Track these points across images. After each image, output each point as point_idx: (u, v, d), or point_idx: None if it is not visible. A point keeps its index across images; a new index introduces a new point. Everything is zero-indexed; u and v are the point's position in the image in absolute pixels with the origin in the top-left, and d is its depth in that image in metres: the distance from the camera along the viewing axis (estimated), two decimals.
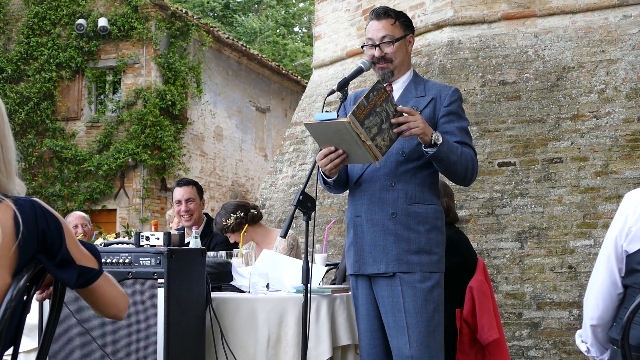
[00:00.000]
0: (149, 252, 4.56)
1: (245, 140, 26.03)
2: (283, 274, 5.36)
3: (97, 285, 2.70)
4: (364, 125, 3.88)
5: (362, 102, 3.87)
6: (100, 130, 21.29)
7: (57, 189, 20.96)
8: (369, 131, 3.90)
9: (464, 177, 4.24)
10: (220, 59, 24.34)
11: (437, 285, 4.24)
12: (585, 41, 10.24)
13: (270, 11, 42.14)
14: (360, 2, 12.54)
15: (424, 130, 4.01)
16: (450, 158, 4.10)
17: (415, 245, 4.20)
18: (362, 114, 3.87)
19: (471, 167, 4.22)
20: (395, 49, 4.37)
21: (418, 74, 4.52)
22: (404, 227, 4.21)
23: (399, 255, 4.20)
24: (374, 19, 4.43)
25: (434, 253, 4.23)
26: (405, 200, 4.23)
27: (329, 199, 11.06)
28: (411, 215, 4.22)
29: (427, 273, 4.20)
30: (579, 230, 9.08)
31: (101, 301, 2.74)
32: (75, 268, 2.62)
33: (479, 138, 9.90)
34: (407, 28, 4.45)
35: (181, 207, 7.05)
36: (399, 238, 4.21)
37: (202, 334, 4.72)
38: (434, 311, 4.20)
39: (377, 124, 3.94)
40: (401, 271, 4.20)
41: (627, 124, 9.48)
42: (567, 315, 8.68)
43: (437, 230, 4.28)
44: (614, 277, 3.24)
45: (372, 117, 3.91)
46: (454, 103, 4.33)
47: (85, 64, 21.43)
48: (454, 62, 10.69)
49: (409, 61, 4.48)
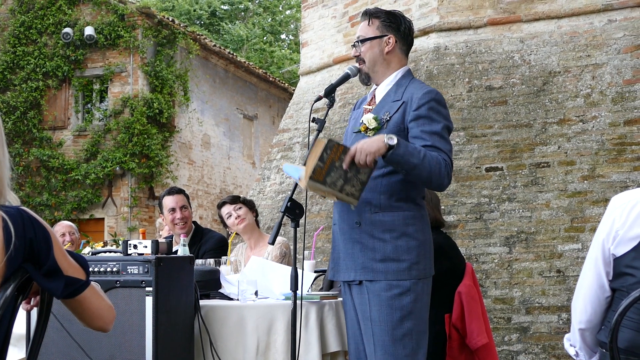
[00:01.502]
0: (136, 260, 4.55)
1: (233, 147, 26.01)
2: (272, 281, 5.35)
3: (83, 297, 2.69)
4: (326, 184, 3.91)
5: (318, 164, 3.88)
6: (87, 139, 21.25)
7: (44, 199, 20.90)
8: (334, 185, 3.93)
9: (428, 181, 4.07)
10: (207, 67, 24.33)
11: (409, 292, 4.15)
12: (570, 46, 10.28)
13: (256, 19, 42.17)
14: (346, 9, 12.56)
15: (374, 150, 3.94)
16: (409, 161, 3.97)
17: (381, 254, 4.15)
18: (321, 174, 3.89)
19: (437, 170, 4.04)
20: (365, 49, 4.35)
21: (408, 75, 4.42)
22: (368, 235, 4.18)
23: (365, 264, 4.18)
24: (360, 21, 4.47)
25: (403, 260, 4.15)
26: (370, 209, 4.19)
27: (317, 205, 11.06)
28: (376, 223, 4.18)
29: (393, 281, 4.14)
30: (567, 234, 9.10)
31: (87, 313, 2.73)
32: (62, 278, 2.60)
33: (466, 143, 9.92)
34: (387, 29, 4.37)
35: (176, 215, 7.05)
36: (365, 247, 4.19)
37: (191, 342, 4.71)
38: (402, 319, 4.13)
39: (342, 176, 3.95)
40: (367, 279, 4.17)
41: (613, 128, 9.52)
42: (556, 320, 8.69)
43: (408, 237, 4.17)
44: (602, 280, 3.25)
45: (333, 174, 3.93)
46: (423, 106, 4.17)
47: (72, 73, 21.40)
48: (440, 67, 10.71)
49: (390, 63, 4.39)
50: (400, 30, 4.41)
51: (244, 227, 6.72)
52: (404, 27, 4.43)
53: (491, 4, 10.76)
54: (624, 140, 9.41)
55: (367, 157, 3.92)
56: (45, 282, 2.59)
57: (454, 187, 9.78)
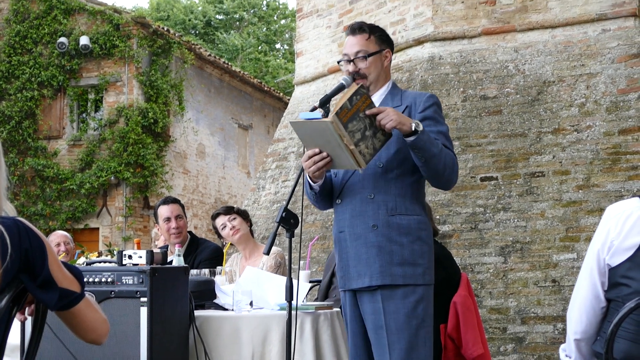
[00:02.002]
0: (131, 270, 4.55)
1: (228, 157, 26.01)
2: (267, 291, 5.35)
3: (77, 309, 2.68)
4: (347, 129, 3.85)
5: (346, 104, 3.84)
6: (82, 149, 21.23)
7: (39, 208, 20.88)
8: (352, 135, 3.88)
9: (442, 173, 4.12)
10: (202, 77, 24.34)
11: (422, 299, 4.16)
12: (565, 55, 10.30)
13: (251, 28, 42.23)
14: (341, 19, 12.58)
15: (399, 120, 3.97)
16: (431, 149, 4.02)
17: (399, 257, 4.13)
18: (346, 116, 3.84)
19: (450, 165, 4.13)
20: (369, 64, 4.34)
21: (396, 86, 4.47)
22: (386, 238, 4.15)
23: (382, 268, 4.13)
24: (350, 34, 4.42)
25: (419, 265, 4.15)
26: (386, 212, 4.17)
27: (312, 215, 11.06)
28: (392, 226, 4.16)
29: (410, 287, 4.12)
30: (562, 244, 9.10)
31: (81, 325, 2.72)
32: (56, 290, 2.60)
33: (460, 153, 9.93)
34: (383, 42, 4.41)
35: (171, 225, 7.05)
36: (382, 250, 4.15)
37: (186, 352, 4.71)
38: (418, 327, 4.12)
39: (361, 130, 3.91)
40: (385, 284, 4.13)
41: (607, 137, 9.53)
42: (552, 330, 8.69)
43: (422, 242, 4.19)
44: (597, 291, 3.24)
45: (355, 122, 3.89)
46: (429, 108, 4.26)
47: (67, 83, 21.39)
48: (435, 77, 10.73)
49: (386, 75, 4.43)
50: (392, 44, 4.51)
51: (238, 238, 6.71)
52: (391, 40, 4.52)
53: (485, 14, 10.78)
54: (619, 150, 9.42)
55: (390, 121, 3.96)
56: (40, 294, 2.58)
57: (449, 196, 9.78)
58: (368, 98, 3.98)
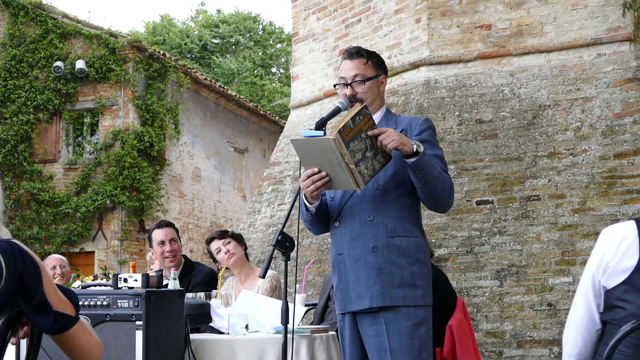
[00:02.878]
0: (127, 294, 4.53)
1: (223, 181, 26.00)
2: (262, 315, 5.34)
3: (72, 333, 2.67)
4: (348, 147, 3.87)
5: (348, 123, 3.86)
6: (78, 172, 21.21)
7: (34, 232, 20.84)
8: (353, 155, 3.89)
9: (440, 195, 4.15)
10: (198, 100, 24.37)
11: (424, 321, 4.18)
12: (560, 79, 10.33)
13: (247, 52, 42.31)
14: (337, 43, 12.62)
15: (401, 140, 4.00)
16: (431, 171, 4.05)
17: (399, 279, 4.13)
18: (348, 135, 3.86)
19: (448, 188, 4.18)
20: (366, 89, 4.36)
21: (390, 111, 4.52)
22: (386, 260, 4.15)
23: (383, 289, 4.13)
24: (347, 58, 4.44)
25: (418, 286, 4.16)
26: (386, 234, 4.18)
27: (308, 239, 11.05)
28: (392, 248, 4.17)
29: (412, 308, 4.13)
30: (558, 268, 9.10)
31: (75, 349, 2.71)
32: (51, 313, 2.59)
33: (456, 177, 9.94)
34: (380, 68, 4.45)
35: (165, 248, 7.03)
36: (382, 272, 4.15)
37: None
38: (421, 349, 4.13)
39: (362, 150, 3.93)
40: (385, 305, 4.12)
41: (603, 161, 9.55)
42: (548, 353, 8.67)
43: (421, 264, 4.21)
44: (592, 313, 3.24)
45: (357, 142, 3.90)
46: (425, 132, 4.30)
47: (63, 106, 21.40)
48: (430, 101, 10.75)
49: (381, 100, 4.47)
50: (386, 69, 4.56)
51: (233, 262, 6.71)
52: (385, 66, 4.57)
53: (481, 38, 10.83)
54: (614, 174, 9.44)
55: (392, 142, 3.98)
56: (35, 317, 2.57)
57: (445, 220, 9.79)
58: (371, 119, 4.00)
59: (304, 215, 4.40)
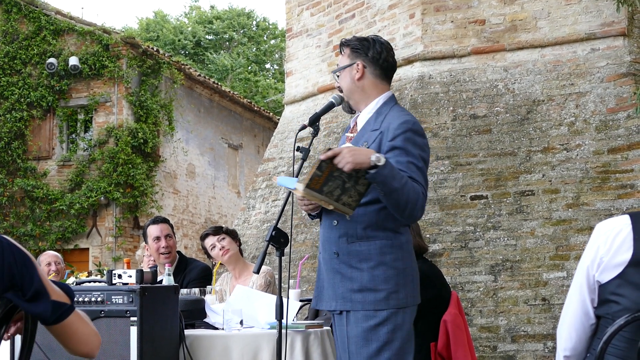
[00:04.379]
0: (121, 290, 4.53)
1: (217, 177, 25.99)
2: (257, 310, 5.34)
3: (70, 322, 2.67)
4: (323, 192, 3.87)
5: (316, 173, 3.83)
6: (72, 169, 21.18)
7: (28, 229, 20.80)
8: (330, 195, 3.89)
9: (404, 208, 3.96)
10: (192, 97, 24.35)
11: (386, 322, 4.07)
12: (554, 74, 10.34)
13: (241, 48, 42.28)
14: (330, 38, 12.61)
15: (355, 161, 3.81)
16: (391, 184, 3.86)
17: (358, 284, 4.09)
18: (318, 183, 3.84)
19: (413, 200, 3.95)
20: (340, 79, 4.33)
21: (389, 102, 4.34)
22: (346, 265, 4.13)
23: (344, 294, 4.13)
24: None
25: (380, 290, 4.07)
26: (346, 240, 4.14)
27: (303, 234, 11.06)
28: (352, 254, 4.12)
29: (370, 312, 4.07)
30: (552, 263, 9.11)
31: (74, 338, 2.70)
32: (48, 301, 2.59)
33: (450, 172, 9.95)
34: (356, 55, 4.30)
35: (160, 244, 7.02)
36: (344, 277, 4.13)
37: None
38: (379, 351, 4.05)
39: (339, 186, 3.89)
40: (346, 309, 4.12)
41: (597, 156, 9.56)
42: (542, 348, 8.69)
43: (385, 266, 4.09)
44: (586, 307, 3.24)
45: (331, 183, 3.87)
46: (399, 137, 4.08)
47: (57, 103, 21.35)
48: (424, 96, 10.75)
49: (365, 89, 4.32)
50: (369, 55, 4.29)
51: (228, 258, 6.71)
52: (374, 51, 4.30)
53: (475, 33, 10.83)
54: (608, 169, 9.45)
55: (346, 164, 3.81)
56: (32, 307, 2.57)
57: (439, 215, 9.79)
58: (330, 164, 3.86)
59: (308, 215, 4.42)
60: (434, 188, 9.86)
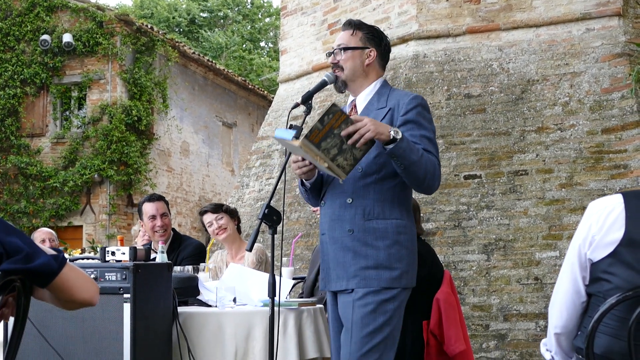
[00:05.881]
0: (114, 267, 4.54)
1: (212, 155, 25.97)
2: (250, 288, 5.35)
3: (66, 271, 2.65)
4: (320, 148, 3.87)
5: (317, 126, 3.85)
6: (65, 147, 21.14)
7: (22, 206, 20.78)
8: (327, 152, 3.89)
9: (423, 179, 4.09)
10: (186, 74, 24.30)
11: (394, 299, 4.16)
12: (549, 54, 10.33)
13: (236, 26, 42.17)
14: (325, 17, 12.58)
15: (377, 130, 3.93)
16: (410, 157, 3.99)
17: (374, 261, 4.14)
18: (317, 137, 3.85)
19: (431, 171, 4.11)
20: (345, 58, 4.37)
21: (387, 85, 4.47)
22: (361, 243, 4.17)
23: (357, 271, 4.16)
24: (341, 30, 4.48)
25: (395, 268, 4.15)
26: (363, 217, 4.19)
27: (296, 213, 11.07)
28: (369, 231, 4.17)
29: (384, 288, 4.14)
30: (545, 242, 9.13)
31: (74, 288, 2.68)
32: (45, 255, 2.59)
33: (444, 151, 9.95)
34: (370, 41, 4.42)
35: (156, 222, 7.03)
36: (357, 255, 4.17)
37: (169, 349, 4.70)
38: (382, 325, 4.11)
39: (337, 145, 3.91)
40: (359, 287, 4.15)
41: (591, 136, 9.57)
42: (534, 327, 8.72)
43: (400, 245, 4.19)
44: (578, 285, 3.25)
45: (329, 139, 3.89)
46: (411, 111, 4.24)
47: (50, 80, 21.29)
48: (419, 75, 10.74)
49: (369, 74, 4.43)
50: (381, 45, 4.47)
51: (224, 237, 6.74)
52: (385, 43, 4.50)
53: (470, 12, 10.81)
54: (602, 149, 9.46)
55: (367, 133, 3.92)
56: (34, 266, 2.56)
57: (433, 194, 9.81)
58: (343, 114, 3.94)
59: (300, 188, 4.44)
60: None
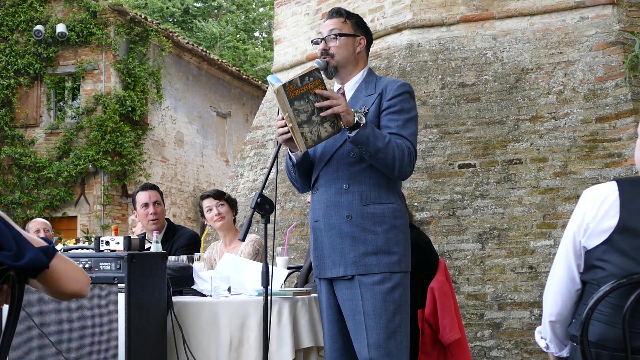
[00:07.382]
0: (109, 256, 4.53)
1: (206, 145, 25.96)
2: (245, 277, 5.35)
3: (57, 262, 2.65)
4: (292, 105, 3.87)
5: (296, 81, 3.86)
6: (59, 137, 21.13)
7: (16, 197, 20.77)
8: (297, 114, 3.89)
9: (392, 166, 4.09)
10: (181, 65, 24.27)
11: (399, 285, 4.18)
12: (543, 43, 10.33)
13: (230, 16, 42.09)
14: (319, 6, 12.57)
15: (347, 110, 3.97)
16: (375, 144, 4.01)
17: (373, 246, 4.16)
18: (293, 92, 3.86)
19: (400, 157, 4.09)
20: (338, 44, 4.38)
21: (373, 73, 4.50)
22: (360, 229, 4.18)
23: (356, 258, 4.17)
24: (328, 18, 4.50)
25: (394, 253, 4.17)
26: (360, 202, 4.20)
27: (291, 202, 11.06)
28: (367, 216, 4.18)
29: (387, 274, 4.15)
30: (539, 231, 9.14)
31: (64, 279, 2.68)
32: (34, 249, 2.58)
33: (438, 140, 9.95)
34: (359, 29, 4.48)
35: (149, 210, 7.03)
36: (356, 240, 4.18)
37: (164, 338, 4.70)
38: (395, 312, 4.14)
39: (307, 112, 3.91)
40: (359, 273, 4.16)
41: (585, 125, 9.57)
42: (528, 315, 8.73)
43: (397, 230, 4.21)
44: (572, 273, 3.26)
45: (302, 102, 3.89)
46: (397, 97, 4.26)
47: (44, 70, 21.27)
48: (413, 64, 10.73)
49: (359, 62, 4.47)
50: (369, 34, 4.56)
51: (221, 225, 6.75)
52: (370, 32, 4.59)
53: (464, 1, 10.80)
54: (596, 137, 9.46)
55: (336, 107, 3.95)
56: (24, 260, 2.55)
57: (427, 183, 9.81)
58: (322, 83, 3.96)
59: (288, 168, 4.42)
60: (422, 156, 9.87)
